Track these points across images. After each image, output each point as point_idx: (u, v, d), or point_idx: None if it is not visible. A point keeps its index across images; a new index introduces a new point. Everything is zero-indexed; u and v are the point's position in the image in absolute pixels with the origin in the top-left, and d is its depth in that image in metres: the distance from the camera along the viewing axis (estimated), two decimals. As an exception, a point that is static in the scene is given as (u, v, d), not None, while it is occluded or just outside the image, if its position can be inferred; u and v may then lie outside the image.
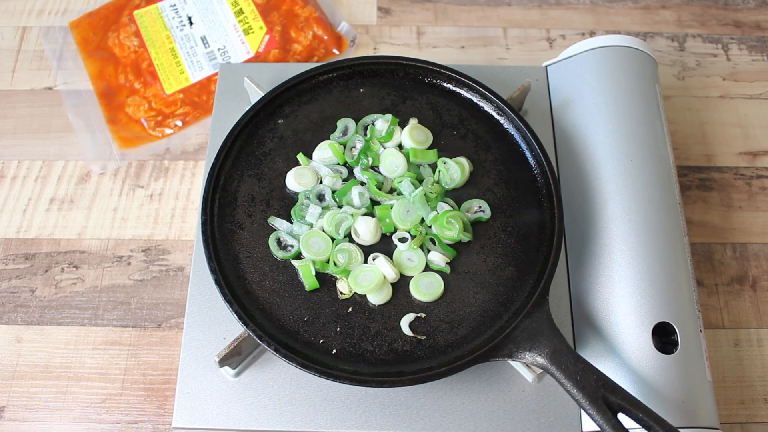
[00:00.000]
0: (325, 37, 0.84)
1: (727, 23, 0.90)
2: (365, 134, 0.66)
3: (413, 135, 0.66)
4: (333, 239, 0.61)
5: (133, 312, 0.70)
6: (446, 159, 0.64)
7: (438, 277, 0.60)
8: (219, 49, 0.83)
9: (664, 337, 0.59)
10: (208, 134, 0.70)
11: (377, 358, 0.57)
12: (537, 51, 0.87)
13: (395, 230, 0.62)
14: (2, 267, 0.73)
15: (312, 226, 0.62)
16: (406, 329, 0.58)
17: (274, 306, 0.59)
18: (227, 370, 0.59)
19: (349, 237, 0.62)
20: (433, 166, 0.65)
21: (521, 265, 0.61)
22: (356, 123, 0.67)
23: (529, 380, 0.58)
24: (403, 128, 0.66)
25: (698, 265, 0.72)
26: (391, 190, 0.64)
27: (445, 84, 0.70)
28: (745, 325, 0.69)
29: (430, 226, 0.62)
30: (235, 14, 0.85)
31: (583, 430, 0.56)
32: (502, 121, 0.68)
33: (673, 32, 0.89)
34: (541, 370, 0.56)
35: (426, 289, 0.60)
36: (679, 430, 0.49)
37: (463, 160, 0.65)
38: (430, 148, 0.66)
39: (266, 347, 0.56)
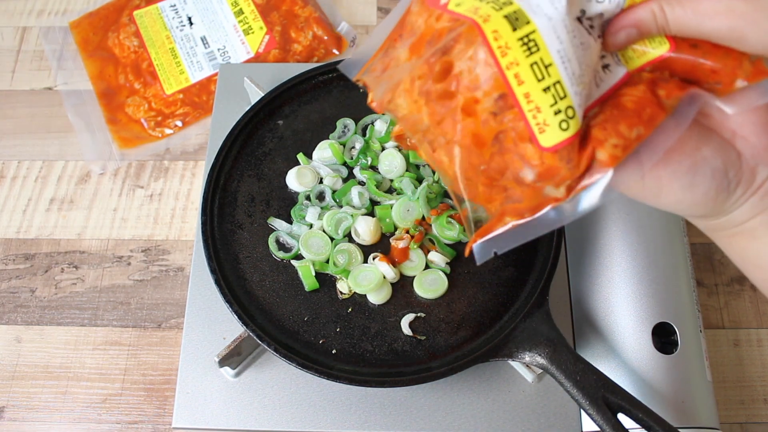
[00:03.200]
0: (325, 38, 0.84)
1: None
2: (364, 134, 0.66)
3: (413, 135, 0.66)
4: (332, 239, 0.61)
5: (133, 312, 0.70)
6: (446, 159, 0.64)
7: (441, 273, 0.60)
8: (219, 50, 0.83)
9: (664, 337, 0.59)
10: (208, 134, 0.70)
11: (377, 358, 0.57)
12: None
13: (395, 230, 0.62)
14: (2, 267, 0.72)
15: (311, 227, 0.62)
16: (406, 329, 0.58)
17: (274, 306, 0.59)
18: (227, 371, 0.59)
19: (348, 237, 0.62)
20: (433, 166, 0.65)
21: (521, 265, 0.61)
22: (356, 123, 0.67)
23: (529, 380, 0.58)
24: (403, 128, 0.66)
25: (698, 265, 0.72)
26: (390, 190, 0.64)
27: (445, 84, 0.69)
28: (745, 325, 0.69)
29: (431, 225, 0.62)
30: (235, 14, 0.85)
31: (583, 430, 0.56)
32: (502, 121, 0.68)
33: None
34: (541, 370, 0.56)
35: (430, 285, 0.59)
36: (679, 430, 0.49)
37: (463, 160, 0.65)
38: (430, 148, 0.66)
39: (266, 347, 0.56)
